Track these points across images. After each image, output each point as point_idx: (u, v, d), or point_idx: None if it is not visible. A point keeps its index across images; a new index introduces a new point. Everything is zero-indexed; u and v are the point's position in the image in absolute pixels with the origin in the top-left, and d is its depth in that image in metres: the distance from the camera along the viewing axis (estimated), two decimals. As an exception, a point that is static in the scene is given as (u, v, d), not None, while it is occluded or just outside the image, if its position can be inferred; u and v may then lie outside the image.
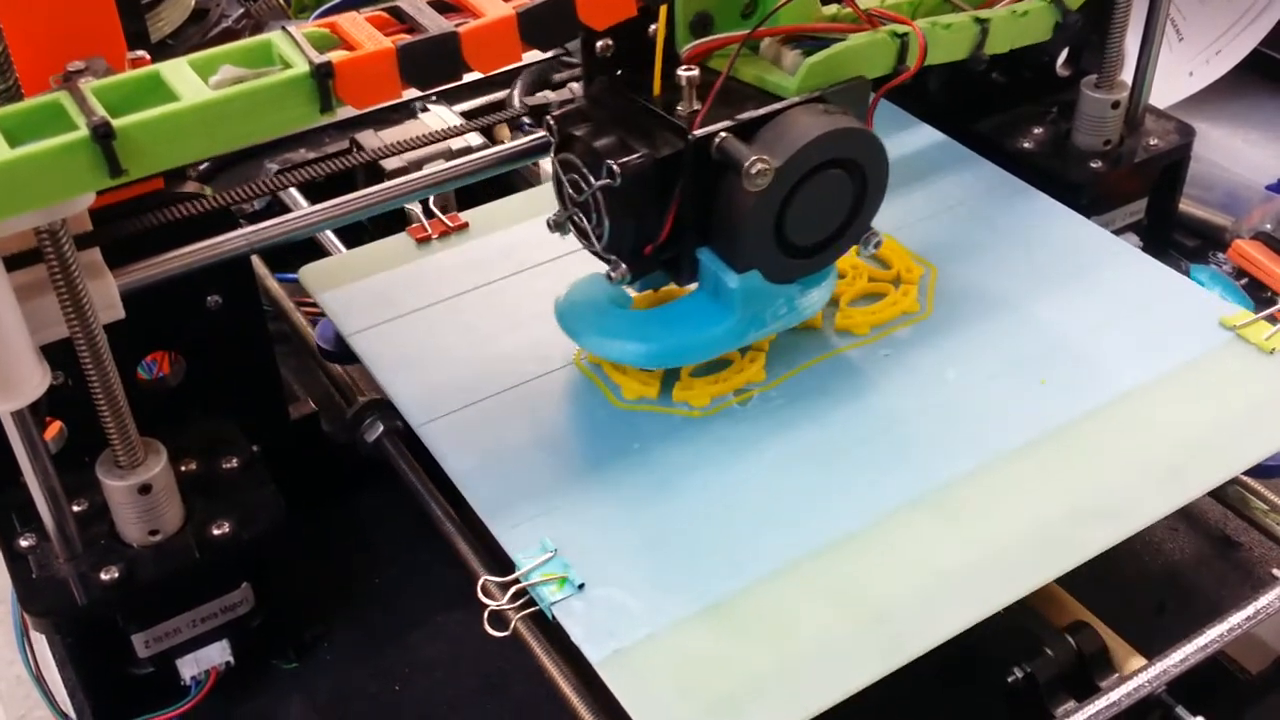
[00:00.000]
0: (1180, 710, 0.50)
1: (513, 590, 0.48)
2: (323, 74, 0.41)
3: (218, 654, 0.55)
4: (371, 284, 0.64)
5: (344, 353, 0.63)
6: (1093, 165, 0.73)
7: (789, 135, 0.50)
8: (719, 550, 0.50)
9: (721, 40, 0.53)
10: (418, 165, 0.73)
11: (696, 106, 0.51)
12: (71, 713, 0.55)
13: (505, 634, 0.48)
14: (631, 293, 0.58)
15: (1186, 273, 0.72)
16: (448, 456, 0.55)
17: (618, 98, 0.53)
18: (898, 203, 0.69)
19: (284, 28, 0.43)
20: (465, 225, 0.68)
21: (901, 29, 0.55)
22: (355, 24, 0.44)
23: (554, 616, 0.48)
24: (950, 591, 0.48)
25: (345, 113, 0.53)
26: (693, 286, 0.56)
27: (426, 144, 0.68)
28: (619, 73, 0.53)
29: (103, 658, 0.53)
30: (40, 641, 0.57)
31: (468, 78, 0.76)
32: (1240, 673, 0.55)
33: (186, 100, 0.40)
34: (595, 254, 0.54)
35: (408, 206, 0.68)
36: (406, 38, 0.44)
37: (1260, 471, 0.56)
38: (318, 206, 0.59)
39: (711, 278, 0.54)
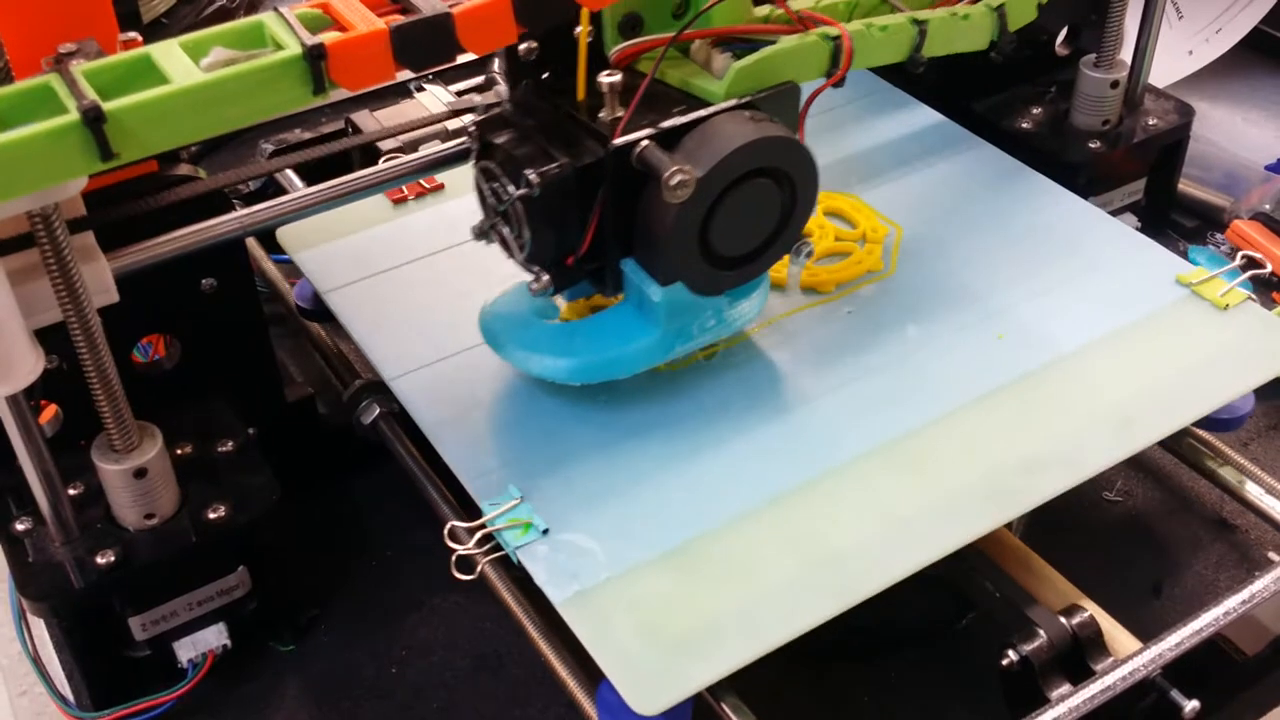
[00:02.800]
0: (1174, 694, 0.50)
1: (479, 535, 0.50)
2: (315, 56, 0.41)
3: (214, 637, 0.55)
4: (348, 243, 0.66)
5: (322, 311, 0.64)
6: (1091, 145, 0.73)
7: (712, 144, 0.49)
8: (680, 498, 0.51)
9: (651, 42, 0.51)
10: (413, 145, 0.73)
11: (620, 113, 0.49)
12: (69, 695, 0.55)
13: (471, 577, 0.49)
14: (560, 303, 0.58)
15: (1184, 254, 0.71)
16: (420, 409, 0.56)
17: (542, 103, 0.51)
18: (891, 183, 0.69)
19: (276, 8, 0.43)
20: (441, 186, 0.69)
21: (834, 31, 0.53)
22: (348, 5, 0.44)
23: (519, 560, 0.49)
24: (902, 536, 0.50)
25: (340, 93, 0.53)
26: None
27: (422, 125, 0.67)
28: (545, 76, 0.51)
29: (100, 641, 0.53)
30: (38, 623, 0.56)
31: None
32: (1236, 654, 0.55)
33: (178, 83, 0.40)
34: (519, 264, 0.53)
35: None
36: (400, 18, 0.43)
37: (1215, 425, 0.57)
38: (313, 189, 0.58)
39: (636, 290, 0.52)
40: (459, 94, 0.80)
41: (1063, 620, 0.51)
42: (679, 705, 0.45)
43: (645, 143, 0.48)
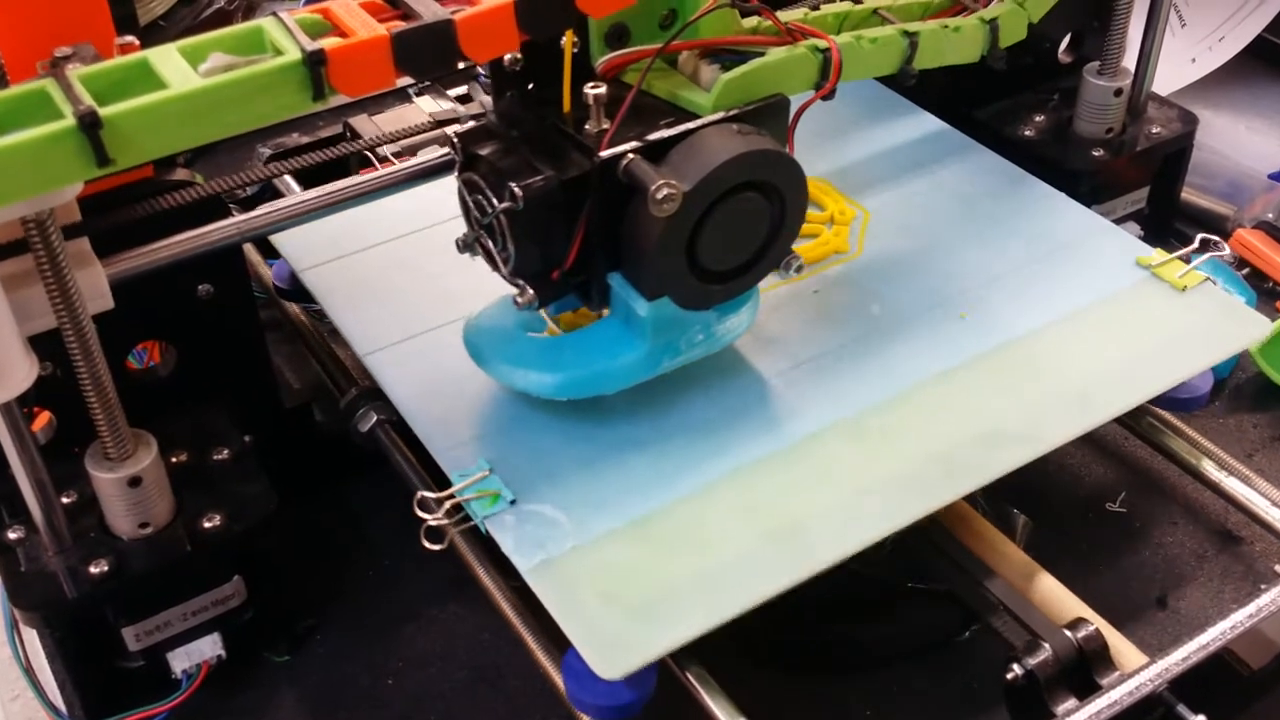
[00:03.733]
0: (1181, 708, 0.49)
1: (448, 505, 0.50)
2: (315, 62, 0.40)
3: (209, 647, 0.54)
4: (325, 225, 0.64)
5: (299, 291, 0.65)
6: (1094, 153, 0.72)
7: (700, 157, 0.48)
8: (645, 470, 0.52)
9: (637, 54, 0.51)
10: (412, 150, 0.72)
11: (606, 124, 0.48)
12: (62, 706, 0.54)
13: (441, 547, 0.50)
14: (545, 316, 0.57)
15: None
16: (391, 384, 0.57)
17: (527, 114, 0.51)
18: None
19: (275, 13, 0.42)
20: None
21: (823, 44, 0.52)
22: (349, 10, 0.43)
23: (486, 530, 0.49)
24: (862, 507, 0.50)
25: (339, 97, 0.52)
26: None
27: (421, 131, 0.67)
28: (530, 87, 0.51)
29: (93, 651, 0.52)
30: (30, 631, 0.56)
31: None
32: (1241, 667, 0.55)
33: (175, 88, 0.39)
34: (504, 278, 0.52)
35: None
36: (401, 25, 0.43)
37: (1175, 405, 0.58)
38: (310, 194, 0.58)
39: (622, 304, 0.52)
40: (458, 99, 0.79)
41: (1068, 634, 0.50)
42: (643, 671, 0.45)
43: (631, 156, 0.48)
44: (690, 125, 0.49)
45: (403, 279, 0.63)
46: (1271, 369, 0.70)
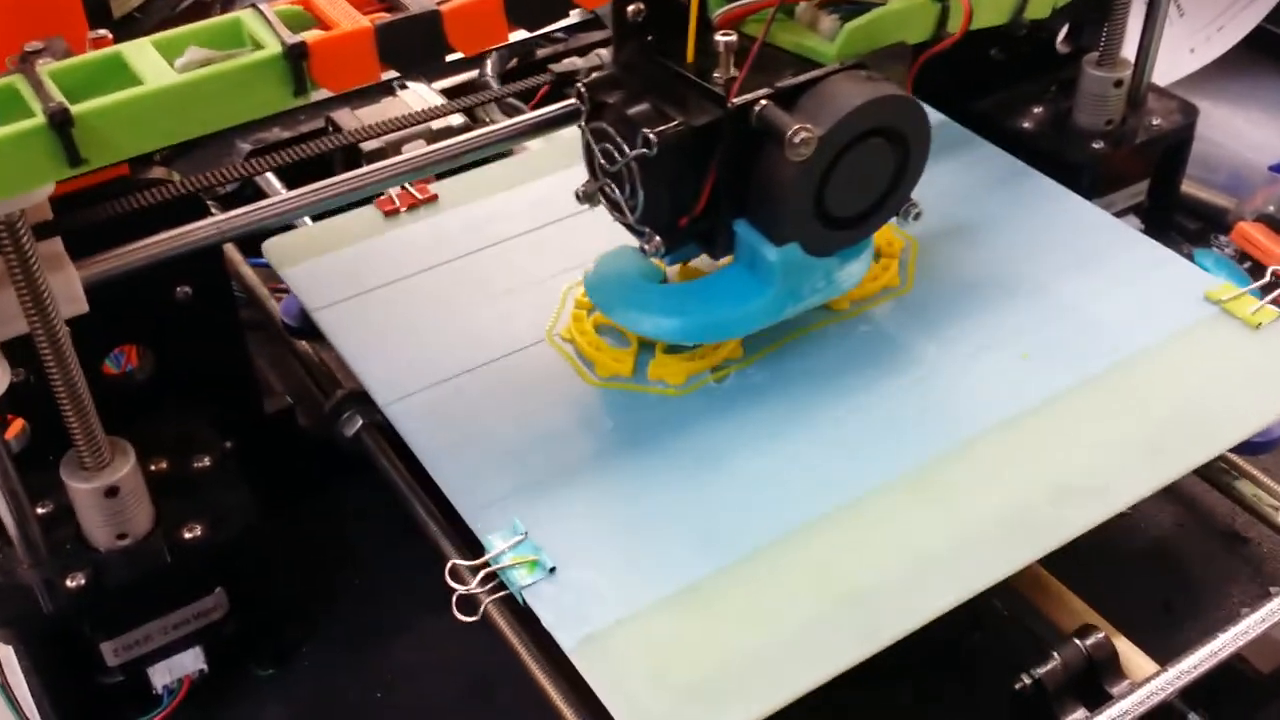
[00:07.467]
0: (1193, 717, 0.48)
1: (482, 574, 0.47)
2: (296, 55, 0.39)
3: (191, 662, 0.53)
4: (338, 258, 0.63)
5: (309, 329, 0.62)
6: (1094, 146, 0.71)
7: (832, 103, 0.49)
8: (694, 532, 0.49)
9: (755, 5, 0.52)
10: (396, 146, 0.71)
11: (733, 73, 0.49)
12: (39, 722, 0.53)
13: (474, 619, 0.47)
14: (663, 267, 0.57)
15: (1189, 256, 0.70)
16: (415, 436, 0.53)
17: (649, 64, 0.51)
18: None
19: (254, 4, 0.41)
20: (434, 198, 0.67)
21: None
22: (331, 1, 0.42)
23: (525, 601, 0.46)
24: (929, 574, 0.47)
25: (321, 91, 0.50)
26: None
27: (406, 125, 0.65)
28: (649, 38, 0.51)
29: (70, 667, 0.51)
30: (6, 646, 0.54)
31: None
32: (1251, 672, 0.53)
33: (150, 84, 0.38)
34: (627, 226, 0.52)
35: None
36: (385, 16, 0.41)
37: (1247, 449, 0.55)
38: (293, 193, 0.56)
39: (748, 250, 0.52)
40: (444, 92, 0.78)
41: (1076, 641, 0.49)
42: None
43: (765, 102, 0.48)
44: (818, 72, 0.50)
45: (425, 318, 0.59)
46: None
